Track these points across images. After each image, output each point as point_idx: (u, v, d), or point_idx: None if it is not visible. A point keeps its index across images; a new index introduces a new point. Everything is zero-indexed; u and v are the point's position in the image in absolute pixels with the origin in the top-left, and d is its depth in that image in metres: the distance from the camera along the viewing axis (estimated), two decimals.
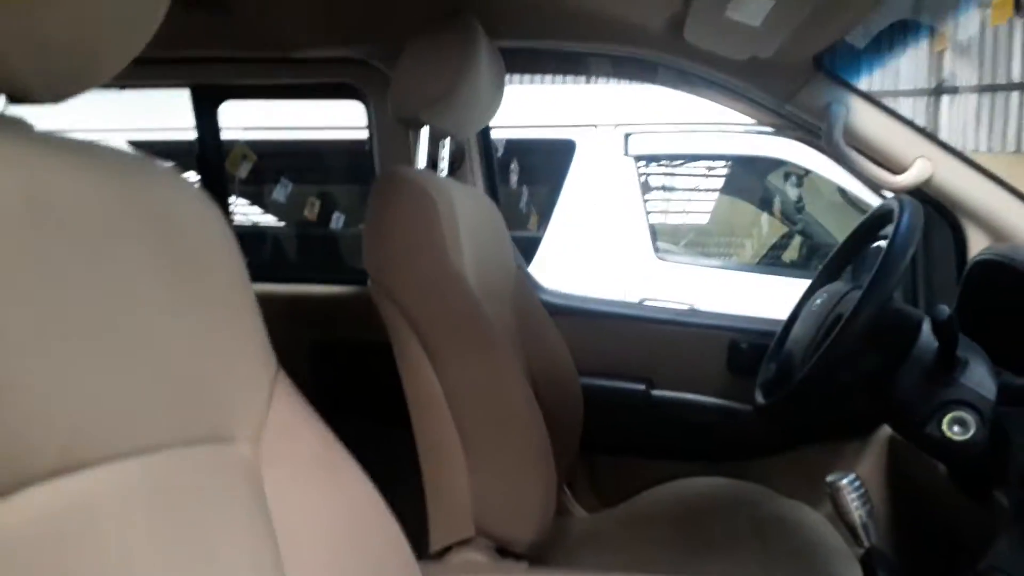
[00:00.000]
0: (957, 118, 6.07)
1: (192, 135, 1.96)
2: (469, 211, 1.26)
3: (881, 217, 1.25)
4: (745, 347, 1.53)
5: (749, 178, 3.39)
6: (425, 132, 1.28)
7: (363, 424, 1.31)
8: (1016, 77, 5.92)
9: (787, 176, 3.26)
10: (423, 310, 1.08)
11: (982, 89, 5.99)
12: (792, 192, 3.30)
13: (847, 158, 1.43)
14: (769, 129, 2.90)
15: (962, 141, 5.89)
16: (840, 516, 0.91)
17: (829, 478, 0.93)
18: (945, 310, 1.02)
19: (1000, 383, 1.04)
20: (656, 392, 1.59)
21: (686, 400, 1.57)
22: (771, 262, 3.44)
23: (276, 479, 0.58)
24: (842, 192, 2.90)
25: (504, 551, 1.10)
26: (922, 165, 1.40)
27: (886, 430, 1.50)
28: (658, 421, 1.58)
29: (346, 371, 1.76)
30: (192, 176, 1.87)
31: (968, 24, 5.49)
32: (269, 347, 0.63)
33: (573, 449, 1.45)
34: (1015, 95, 5.92)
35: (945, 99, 6.10)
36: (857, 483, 0.90)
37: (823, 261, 1.42)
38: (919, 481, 1.33)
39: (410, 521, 0.75)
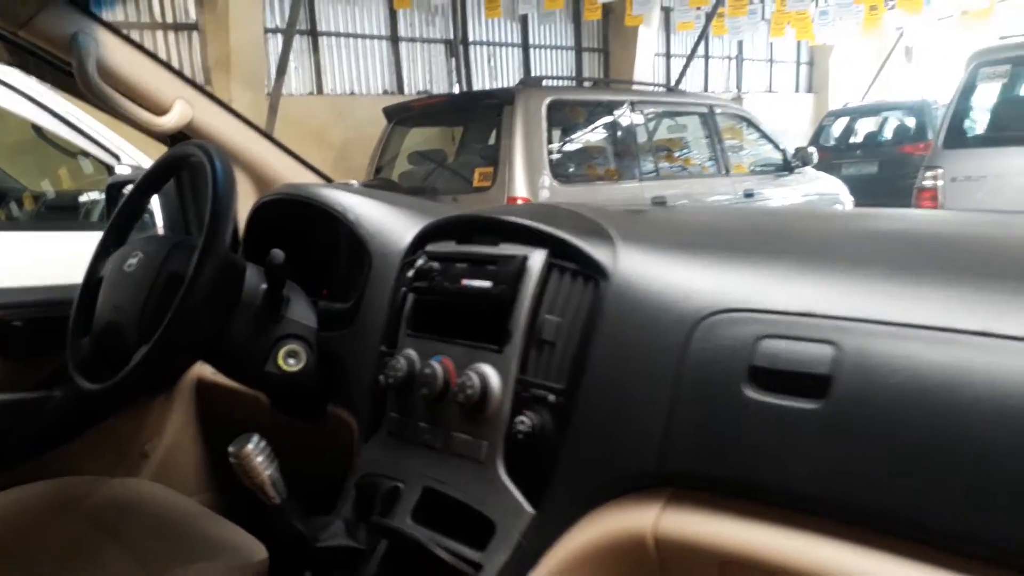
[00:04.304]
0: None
1: None
2: None
3: (174, 164, 1.20)
4: (20, 324, 1.28)
5: None
6: None
7: None
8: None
9: None
10: None
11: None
12: None
13: (106, 97, 1.30)
14: None
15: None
16: (249, 480, 0.89)
17: (232, 448, 0.89)
18: (280, 255, 1.06)
19: (319, 311, 1.17)
20: None
21: None
22: None
23: None
24: (37, 130, 2.59)
25: None
26: (183, 107, 1.38)
27: (191, 376, 1.48)
28: None
29: None
30: None
31: None
32: None
33: None
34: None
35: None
36: (261, 444, 0.90)
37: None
38: (238, 416, 1.37)
39: None
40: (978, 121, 4.76)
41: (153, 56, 1.37)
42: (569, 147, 5.11)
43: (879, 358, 0.67)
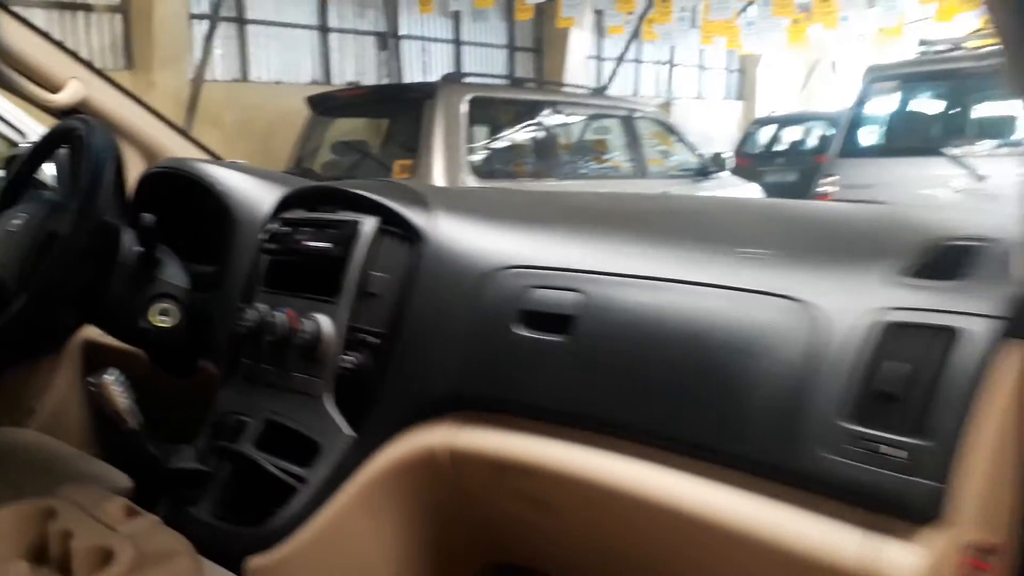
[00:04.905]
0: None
1: None
2: None
3: (60, 137, 1.31)
4: None
5: None
6: None
7: None
8: None
9: None
10: None
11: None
12: None
13: (3, 77, 1.40)
14: None
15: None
16: (107, 407, 1.02)
17: (91, 377, 1.02)
18: (150, 218, 1.19)
19: (192, 274, 1.29)
20: None
21: None
22: None
23: None
24: None
25: None
26: (76, 86, 1.49)
27: (79, 338, 1.59)
28: None
29: None
30: None
31: None
32: None
33: None
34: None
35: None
36: (119, 376, 1.03)
37: None
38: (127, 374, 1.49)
39: None
40: (871, 132, 5.10)
41: (49, 37, 1.48)
42: (490, 144, 5.26)
43: (611, 301, 0.85)
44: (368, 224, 1.07)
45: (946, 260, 0.72)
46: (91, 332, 1.58)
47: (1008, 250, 0.69)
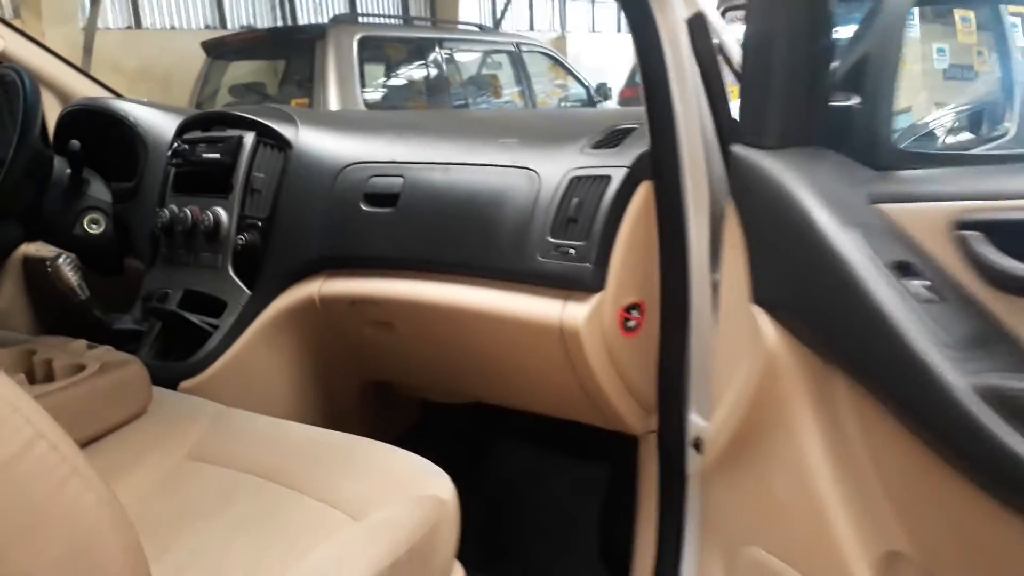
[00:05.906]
0: None
1: None
2: None
3: None
4: None
5: None
6: None
7: None
8: None
9: None
10: None
11: None
12: None
13: None
14: None
15: None
16: (61, 284, 1.36)
17: (48, 260, 1.36)
18: (76, 144, 1.51)
19: (113, 190, 1.62)
20: None
21: None
22: None
23: None
24: None
25: None
26: None
27: (19, 255, 1.89)
28: None
29: None
30: None
31: None
32: None
33: None
34: None
35: None
36: (69, 259, 1.37)
37: None
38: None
39: None
40: None
41: None
42: (382, 81, 5.52)
43: (421, 180, 1.24)
44: (249, 138, 1.43)
45: (613, 137, 1.15)
46: (28, 248, 1.88)
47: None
